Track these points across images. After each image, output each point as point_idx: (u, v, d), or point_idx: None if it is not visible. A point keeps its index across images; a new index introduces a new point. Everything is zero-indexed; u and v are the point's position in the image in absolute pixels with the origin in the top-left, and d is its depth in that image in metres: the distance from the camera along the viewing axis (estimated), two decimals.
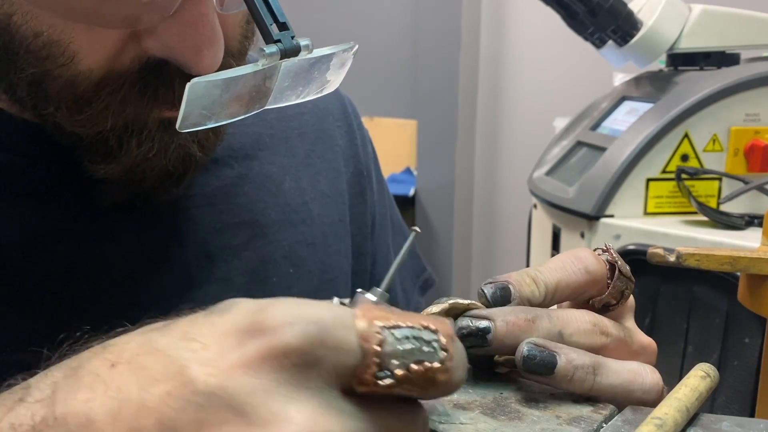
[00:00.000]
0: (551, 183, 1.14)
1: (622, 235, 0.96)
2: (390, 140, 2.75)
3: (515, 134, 2.63)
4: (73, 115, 0.44)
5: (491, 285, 0.39)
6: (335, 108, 0.69)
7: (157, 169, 0.47)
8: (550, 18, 1.19)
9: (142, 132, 0.46)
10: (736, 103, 1.01)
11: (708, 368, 0.37)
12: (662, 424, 0.32)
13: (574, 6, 1.06)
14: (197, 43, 0.42)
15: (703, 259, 0.55)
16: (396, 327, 0.27)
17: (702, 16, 1.08)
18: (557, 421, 0.35)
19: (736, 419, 0.34)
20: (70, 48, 0.41)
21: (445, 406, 0.36)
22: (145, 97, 0.44)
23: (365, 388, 0.27)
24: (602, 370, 0.37)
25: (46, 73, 0.42)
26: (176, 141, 0.47)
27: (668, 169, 1.01)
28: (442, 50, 2.60)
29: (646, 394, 0.38)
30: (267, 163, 0.61)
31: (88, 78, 0.43)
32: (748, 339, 0.81)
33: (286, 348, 0.26)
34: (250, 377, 0.26)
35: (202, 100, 0.38)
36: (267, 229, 0.59)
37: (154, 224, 0.53)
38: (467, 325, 0.37)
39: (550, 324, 0.38)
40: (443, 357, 0.27)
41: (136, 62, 0.43)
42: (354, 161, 0.69)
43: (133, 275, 0.52)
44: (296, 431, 0.25)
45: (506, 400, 0.37)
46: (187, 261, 0.54)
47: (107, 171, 0.47)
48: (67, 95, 0.43)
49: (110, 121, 0.44)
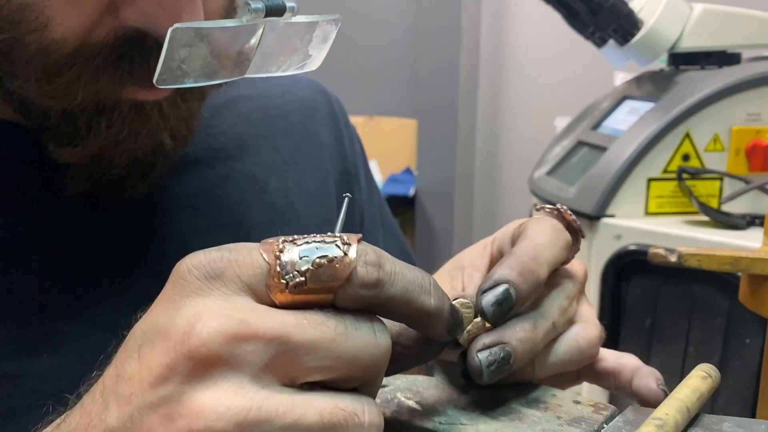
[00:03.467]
0: (552, 183, 1.14)
1: (623, 235, 0.96)
2: (390, 140, 2.74)
3: (516, 134, 2.63)
4: (43, 85, 0.42)
5: (491, 298, 0.36)
6: (322, 107, 0.68)
7: (126, 156, 0.46)
8: (550, 17, 1.19)
9: (113, 112, 0.44)
10: (738, 103, 1.00)
11: (709, 368, 0.37)
12: (663, 425, 0.32)
13: (575, 5, 1.05)
14: (177, 10, 0.40)
15: (704, 260, 0.55)
16: (297, 241, 0.30)
17: (703, 15, 1.07)
18: (558, 422, 0.35)
19: (738, 420, 0.34)
20: (45, 13, 0.40)
21: (445, 407, 0.36)
22: (119, 69, 0.42)
23: (280, 295, 0.29)
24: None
25: (16, 39, 0.41)
26: (147, 126, 0.46)
27: (669, 169, 1.01)
28: (442, 50, 2.61)
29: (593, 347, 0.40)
30: (251, 164, 0.60)
31: (61, 47, 0.41)
32: (750, 339, 0.81)
33: (185, 272, 0.31)
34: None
35: (182, 49, 0.37)
36: (251, 230, 0.58)
37: (134, 228, 0.52)
38: (487, 358, 0.35)
39: (547, 322, 0.38)
40: (346, 249, 0.29)
41: (112, 35, 0.42)
42: (341, 160, 0.68)
43: (114, 280, 0.51)
44: (205, 320, 0.28)
45: (507, 400, 0.37)
46: (169, 265, 0.54)
47: (73, 155, 0.46)
48: (37, 64, 0.42)
49: (81, 93, 0.42)
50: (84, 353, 0.49)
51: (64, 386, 0.48)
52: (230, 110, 0.61)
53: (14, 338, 0.47)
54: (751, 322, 0.80)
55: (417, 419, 0.35)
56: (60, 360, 0.48)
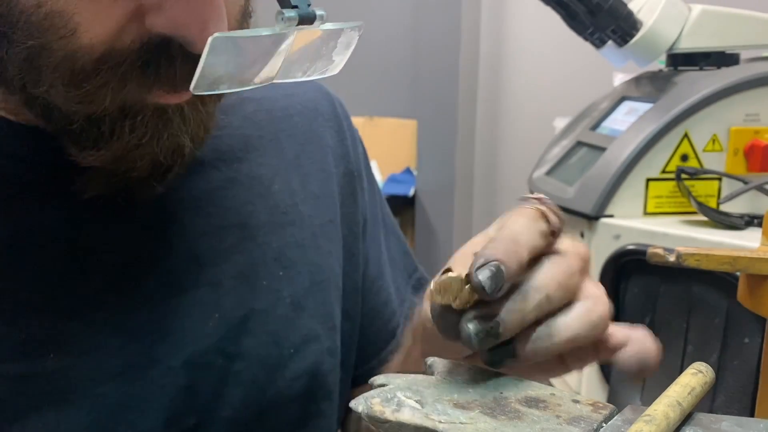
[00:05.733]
0: (551, 183, 1.14)
1: (622, 234, 0.96)
2: (390, 140, 2.75)
3: (515, 134, 2.63)
4: (71, 90, 0.43)
5: (487, 272, 0.37)
6: (325, 108, 0.68)
7: (147, 158, 0.47)
8: (550, 18, 1.19)
9: (136, 117, 0.45)
10: (736, 103, 1.01)
11: (700, 365, 0.37)
12: (651, 420, 0.32)
13: (574, 6, 1.06)
14: (204, 17, 0.41)
15: (702, 259, 0.55)
16: None
17: (702, 16, 1.08)
18: (557, 421, 0.35)
19: (736, 419, 0.34)
20: (74, 20, 0.40)
21: (445, 406, 0.36)
22: (146, 75, 0.43)
23: None
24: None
25: (44, 45, 0.41)
26: (169, 129, 0.46)
27: (668, 169, 1.01)
28: (442, 50, 2.61)
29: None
30: (256, 165, 0.60)
31: (89, 53, 0.42)
32: (748, 339, 0.81)
33: None
34: None
35: (219, 58, 0.38)
36: (256, 231, 0.58)
37: (140, 229, 0.53)
38: (476, 326, 0.37)
39: (539, 294, 0.39)
40: None
41: (138, 41, 0.42)
42: (344, 162, 0.68)
43: (120, 280, 0.51)
44: None
45: (506, 399, 0.37)
46: (175, 265, 0.54)
47: (97, 158, 0.46)
48: (65, 70, 0.42)
49: (109, 98, 0.43)
50: (90, 354, 0.50)
51: (71, 387, 0.49)
52: (236, 112, 0.62)
53: (21, 339, 0.48)
54: (749, 321, 0.81)
55: (417, 418, 0.35)
56: (67, 361, 0.49)
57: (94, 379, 0.49)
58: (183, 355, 0.53)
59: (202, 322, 0.54)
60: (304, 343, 0.59)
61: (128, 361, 0.51)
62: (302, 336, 0.59)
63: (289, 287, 0.59)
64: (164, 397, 0.52)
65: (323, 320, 0.62)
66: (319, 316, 0.61)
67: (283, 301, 0.58)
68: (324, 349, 0.61)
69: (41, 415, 0.47)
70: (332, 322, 0.63)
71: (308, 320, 0.60)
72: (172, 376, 0.52)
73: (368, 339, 0.70)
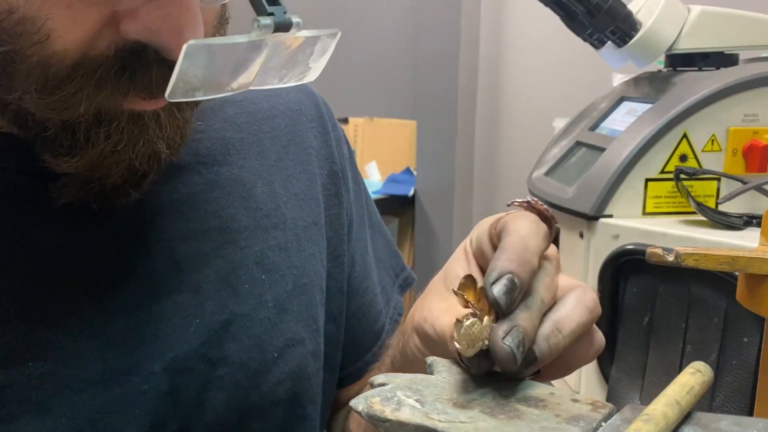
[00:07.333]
0: (550, 183, 1.14)
1: (621, 234, 0.96)
2: (390, 141, 2.75)
3: (515, 134, 2.63)
4: (44, 97, 0.42)
5: (502, 287, 0.38)
6: (308, 109, 0.68)
7: (123, 165, 0.46)
8: (549, 19, 1.20)
9: (112, 123, 0.44)
10: (735, 104, 1.01)
11: (698, 364, 0.38)
12: (650, 419, 0.32)
13: (573, 7, 1.06)
14: (180, 24, 0.41)
15: (701, 259, 0.55)
16: None
17: (701, 16, 1.08)
18: (556, 420, 0.35)
19: (735, 418, 0.35)
20: (47, 25, 0.40)
21: (445, 405, 0.36)
22: (121, 81, 0.42)
23: None
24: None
25: (16, 52, 0.41)
26: (145, 136, 0.46)
27: (667, 170, 1.01)
28: (442, 50, 2.61)
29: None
30: (237, 168, 0.60)
31: (63, 59, 0.41)
32: (747, 338, 0.81)
33: None
34: None
35: (194, 65, 0.37)
36: (237, 235, 0.58)
37: (119, 234, 0.52)
38: (513, 341, 0.37)
39: (535, 299, 0.40)
40: None
41: (112, 48, 0.42)
42: (328, 163, 0.68)
43: (100, 287, 0.51)
44: None
45: (506, 399, 0.37)
46: (155, 270, 0.53)
47: (72, 165, 0.46)
48: (38, 76, 0.42)
49: (84, 104, 0.43)
50: (69, 361, 0.49)
51: (49, 394, 0.48)
52: (216, 115, 0.61)
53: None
54: (748, 321, 0.81)
55: (417, 417, 0.35)
56: (46, 368, 0.48)
57: (73, 387, 0.49)
58: (164, 360, 0.52)
59: (183, 328, 0.54)
60: (288, 347, 0.59)
61: (108, 367, 0.50)
62: (285, 340, 0.59)
63: (272, 291, 0.59)
64: (146, 403, 0.51)
65: (307, 323, 0.61)
66: (303, 320, 0.61)
67: (265, 305, 0.58)
68: (308, 353, 0.61)
69: (20, 423, 0.47)
70: (316, 325, 0.62)
71: (292, 324, 0.60)
72: (154, 381, 0.52)
73: (354, 340, 0.70)
